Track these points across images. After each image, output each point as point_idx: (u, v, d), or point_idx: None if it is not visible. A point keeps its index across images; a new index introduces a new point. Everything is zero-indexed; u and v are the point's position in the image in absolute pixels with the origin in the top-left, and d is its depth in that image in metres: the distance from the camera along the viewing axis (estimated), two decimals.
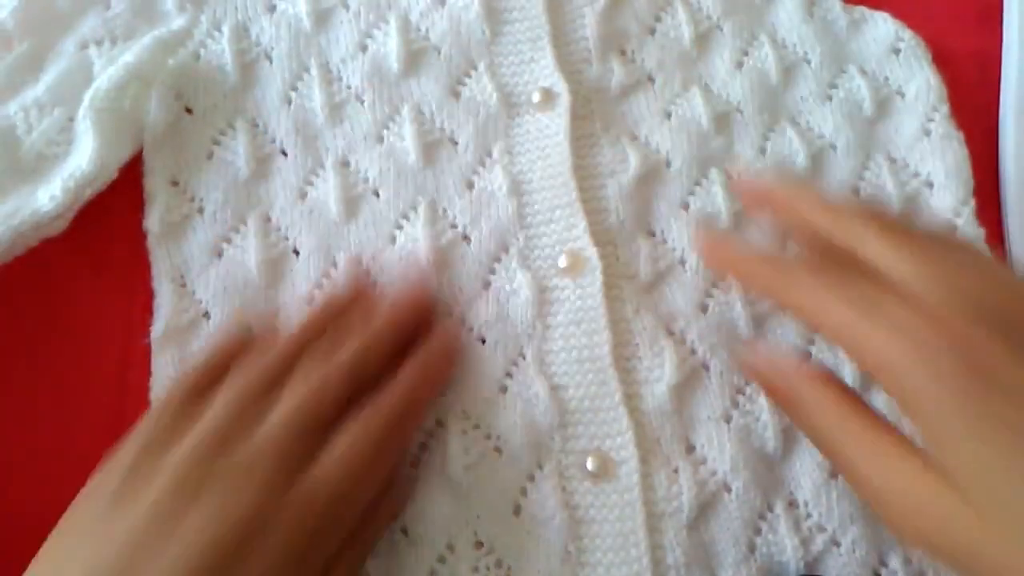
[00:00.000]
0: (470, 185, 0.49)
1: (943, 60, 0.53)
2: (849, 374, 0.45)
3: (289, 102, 0.50)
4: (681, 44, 0.53)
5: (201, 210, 0.48)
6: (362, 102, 0.51)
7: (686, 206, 0.49)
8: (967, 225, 0.48)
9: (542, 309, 0.46)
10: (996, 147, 0.52)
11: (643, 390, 0.44)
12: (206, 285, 0.46)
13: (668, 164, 0.50)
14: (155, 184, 0.48)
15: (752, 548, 0.41)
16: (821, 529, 0.42)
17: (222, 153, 0.49)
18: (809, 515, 0.42)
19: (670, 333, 0.45)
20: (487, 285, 0.46)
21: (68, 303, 0.47)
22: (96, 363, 0.46)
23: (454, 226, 0.48)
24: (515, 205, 0.48)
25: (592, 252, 0.46)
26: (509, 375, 0.44)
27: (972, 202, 0.48)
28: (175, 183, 0.48)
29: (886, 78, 0.52)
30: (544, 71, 0.51)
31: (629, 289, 0.46)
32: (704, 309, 0.46)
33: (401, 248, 0.47)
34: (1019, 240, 0.49)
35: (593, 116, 0.51)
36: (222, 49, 0.52)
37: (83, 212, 0.47)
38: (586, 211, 0.47)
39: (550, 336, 0.45)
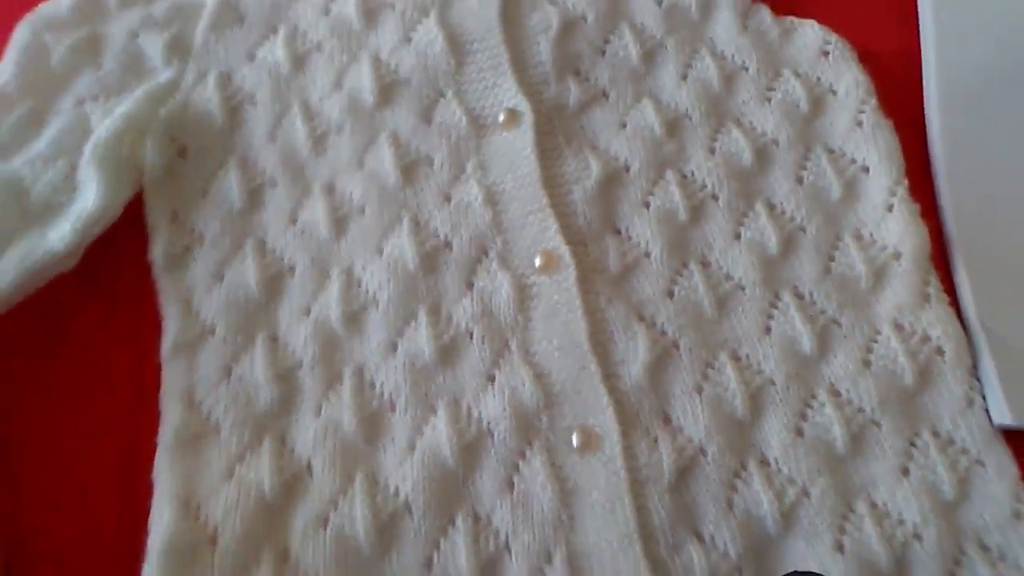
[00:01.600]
0: (448, 198, 0.53)
1: (870, 60, 0.58)
2: (808, 340, 0.49)
3: (275, 139, 0.55)
4: (630, 62, 0.58)
5: (201, 240, 0.52)
6: (342, 133, 0.55)
7: (647, 204, 0.53)
8: (902, 202, 0.52)
9: (523, 304, 0.50)
10: (924, 133, 0.58)
11: (620, 370, 0.48)
12: (210, 304, 0.50)
13: (627, 168, 0.54)
14: (157, 220, 0.52)
15: (730, 505, 0.45)
16: (792, 482, 0.46)
17: (216, 188, 0.53)
18: (780, 471, 0.46)
19: (641, 318, 0.50)
20: (471, 286, 0.50)
21: (80, 332, 0.51)
22: (110, 381, 0.50)
23: (436, 235, 0.52)
24: (491, 213, 0.52)
25: (565, 251, 0.51)
26: (496, 366, 0.48)
27: (905, 182, 0.53)
28: (175, 218, 0.53)
29: (818, 78, 0.57)
30: (507, 93, 0.56)
31: (601, 282, 0.51)
32: (670, 295, 0.51)
33: (388, 257, 0.51)
34: (952, 215, 0.54)
35: (555, 131, 0.56)
36: (209, 96, 0.56)
37: (90, 249, 0.50)
38: (556, 215, 0.52)
39: (532, 328, 0.49)
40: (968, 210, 0.54)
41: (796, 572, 0.43)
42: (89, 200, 0.50)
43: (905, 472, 0.46)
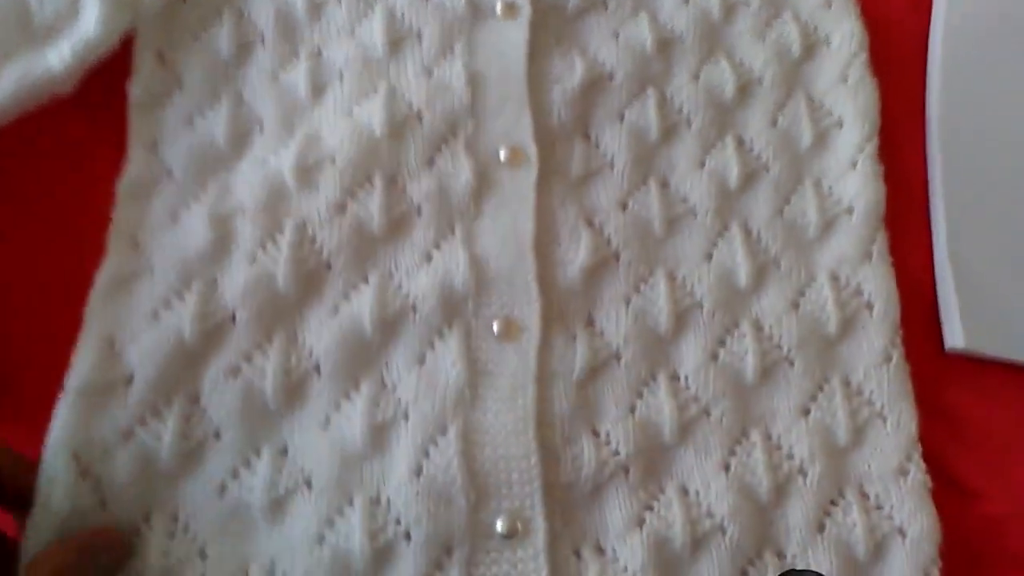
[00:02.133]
0: (429, 73, 0.54)
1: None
2: (745, 273, 0.50)
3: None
4: None
5: (180, 84, 0.52)
6: (340, 1, 0.56)
7: (621, 117, 0.54)
8: (867, 159, 0.53)
9: (478, 192, 0.51)
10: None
11: (556, 271, 0.49)
12: (175, 152, 0.50)
13: (611, 77, 0.55)
14: (143, 57, 0.53)
15: (632, 409, 0.47)
16: (696, 399, 0.47)
17: (208, 36, 0.54)
18: (688, 387, 0.48)
19: (589, 223, 0.51)
20: (431, 163, 0.51)
21: (50, 162, 0.52)
22: (69, 215, 0.51)
23: (409, 106, 0.52)
24: (469, 96, 0.53)
25: (532, 150, 0.51)
26: (436, 246, 0.49)
27: (875, 140, 0.54)
28: (161, 58, 0.53)
29: (816, 27, 0.57)
30: None
31: (559, 183, 0.52)
32: (624, 207, 0.52)
33: (356, 119, 0.52)
34: (938, 145, 0.56)
35: (548, 30, 0.56)
36: None
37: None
38: (531, 110, 0.53)
39: (481, 216, 0.50)
40: (957, 143, 0.56)
41: (793, 571, 0.44)
42: (90, 26, 0.51)
43: (805, 412, 0.48)
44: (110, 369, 0.45)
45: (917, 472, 0.46)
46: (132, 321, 0.46)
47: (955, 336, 0.50)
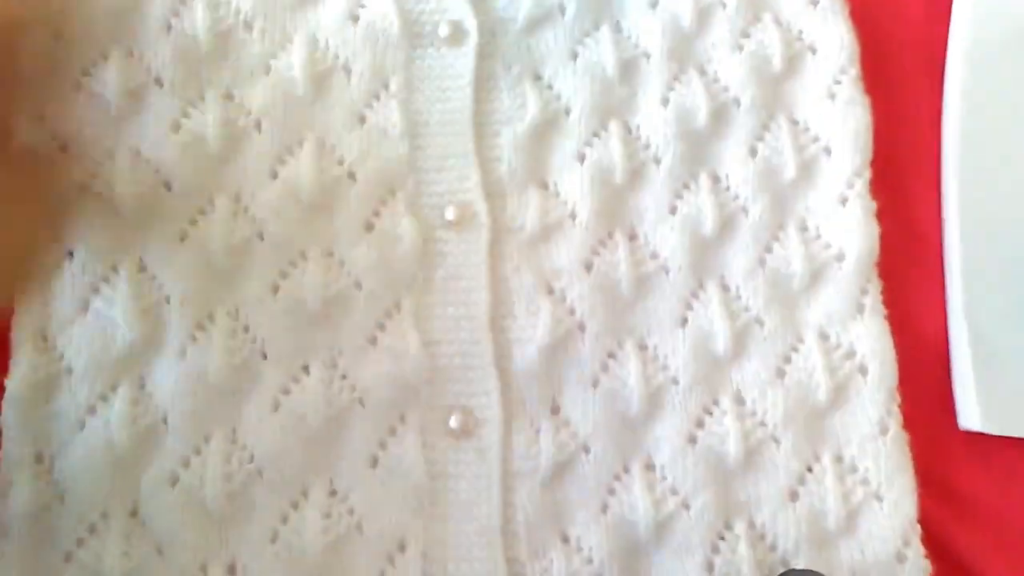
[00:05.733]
0: (361, 119, 0.47)
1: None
2: (723, 339, 0.45)
3: (169, 28, 0.48)
4: None
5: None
6: (251, 29, 0.48)
7: (582, 158, 0.48)
8: (859, 197, 0.47)
9: (425, 260, 0.46)
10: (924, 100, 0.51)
11: (515, 350, 0.45)
12: (74, 228, 0.44)
13: (567, 112, 0.48)
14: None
15: (604, 508, 0.43)
16: (674, 492, 0.43)
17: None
18: (664, 478, 0.44)
19: (549, 291, 0.46)
20: (370, 228, 0.46)
21: None
22: None
23: (340, 162, 0.46)
24: (407, 146, 0.47)
25: (482, 207, 0.46)
26: (381, 326, 0.44)
27: (867, 173, 0.47)
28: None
29: (800, 31, 0.50)
30: (454, 2, 0.49)
31: (513, 244, 0.46)
32: (588, 267, 0.46)
33: (282, 183, 0.46)
34: (956, 201, 0.49)
35: (496, 54, 0.49)
36: None
37: None
38: (479, 161, 0.47)
39: (430, 290, 0.45)
40: (976, 193, 0.49)
41: (793, 571, 0.42)
42: None
43: (794, 496, 0.44)
44: (41, 491, 0.41)
45: (917, 558, 0.43)
46: (55, 432, 0.42)
47: (971, 417, 0.45)
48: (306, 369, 0.44)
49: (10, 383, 0.43)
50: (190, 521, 0.41)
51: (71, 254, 0.44)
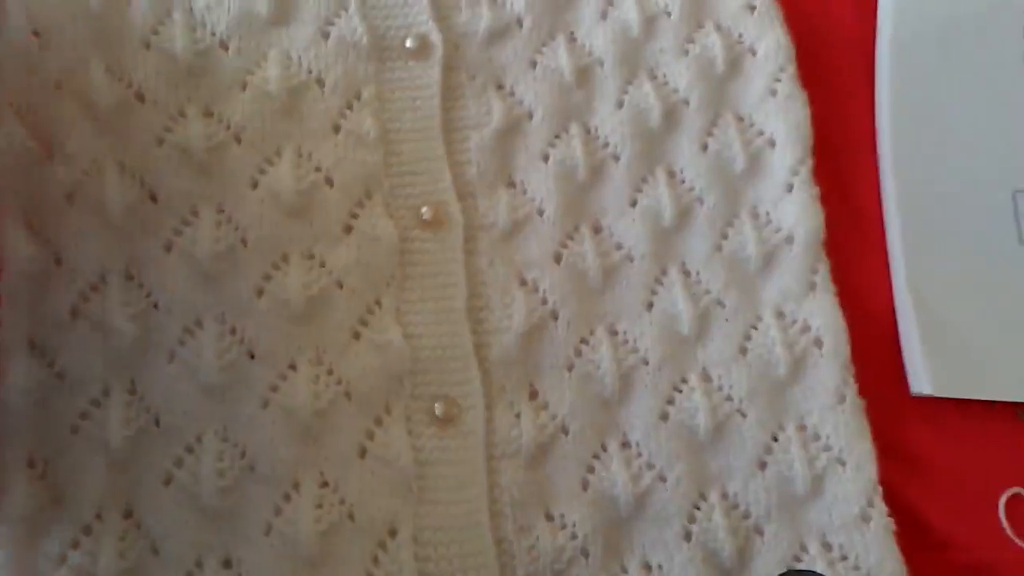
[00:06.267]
0: (336, 128, 0.50)
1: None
2: (688, 320, 0.48)
3: (149, 46, 0.50)
4: None
5: (64, 160, 0.46)
6: (227, 47, 0.51)
7: (546, 157, 0.51)
8: (803, 183, 0.50)
9: (402, 258, 0.48)
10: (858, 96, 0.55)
11: (492, 339, 0.47)
12: (60, 233, 0.45)
13: (530, 116, 0.51)
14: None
15: (585, 485, 0.45)
16: (650, 466, 0.45)
17: (76, 86, 0.47)
18: (640, 454, 0.46)
19: (523, 283, 0.48)
20: (349, 230, 0.48)
21: None
22: None
23: (317, 169, 0.48)
24: (382, 153, 0.49)
25: (455, 207, 0.48)
26: (363, 322, 0.46)
27: (809, 161, 0.51)
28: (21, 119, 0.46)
29: (740, 35, 0.54)
30: (419, 17, 0.52)
31: (486, 240, 0.49)
32: (558, 259, 0.49)
33: (263, 191, 0.47)
34: (892, 178, 0.52)
35: (460, 65, 0.52)
36: None
37: None
38: (450, 164, 0.49)
39: (408, 286, 0.47)
40: (910, 174, 0.53)
41: (792, 571, 0.43)
42: None
43: (762, 466, 0.46)
44: (35, 495, 0.42)
45: (880, 516, 0.45)
46: (48, 437, 0.43)
47: (921, 382, 0.48)
48: (293, 366, 0.45)
49: (1, 390, 0.43)
50: (185, 519, 0.42)
51: (59, 261, 0.45)
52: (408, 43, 0.52)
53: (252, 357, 0.45)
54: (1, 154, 0.45)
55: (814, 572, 0.43)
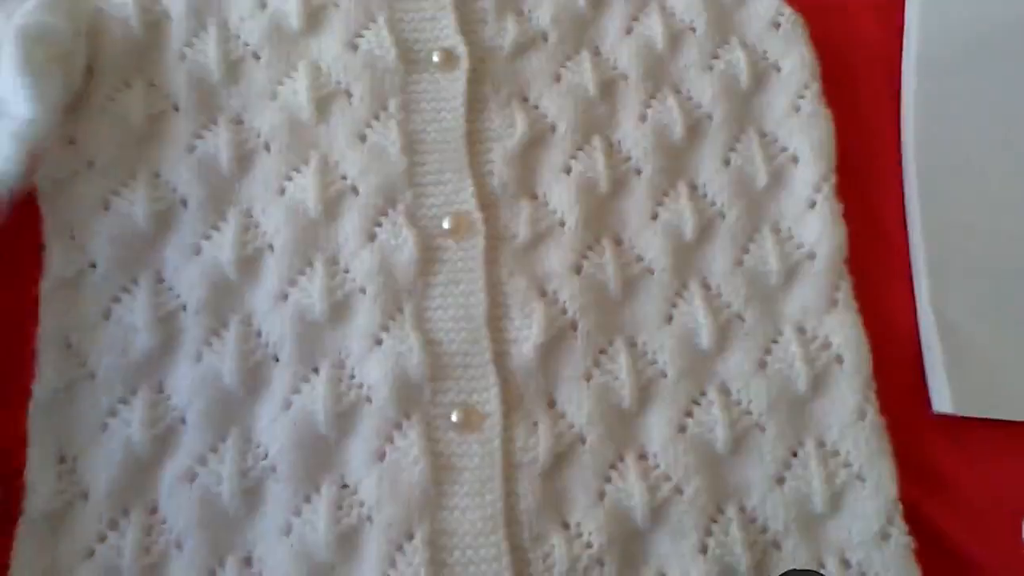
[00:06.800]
0: (362, 138, 0.51)
1: (843, 11, 0.56)
2: (708, 334, 0.48)
3: (185, 59, 0.51)
4: (576, 4, 0.54)
5: (91, 165, 0.49)
6: (259, 59, 0.52)
7: (568, 170, 0.51)
8: (826, 200, 0.50)
9: (424, 267, 0.48)
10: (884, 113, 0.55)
11: (512, 348, 0.47)
12: (95, 241, 0.47)
13: (553, 129, 0.52)
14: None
15: (602, 495, 0.45)
16: (667, 478, 0.45)
17: (116, 109, 0.50)
18: (657, 465, 0.46)
19: (542, 294, 0.48)
20: (372, 238, 0.49)
21: None
22: None
23: (343, 178, 0.49)
24: (407, 163, 0.50)
25: (477, 217, 0.49)
26: (385, 328, 0.47)
27: (833, 178, 0.51)
28: (69, 140, 0.49)
29: (765, 52, 0.54)
30: (445, 31, 0.53)
31: (506, 251, 0.49)
32: (578, 270, 0.49)
33: (289, 198, 0.49)
34: (917, 198, 0.52)
35: (485, 78, 0.53)
36: (124, 2, 0.52)
37: None
38: (473, 175, 0.50)
39: (430, 294, 0.48)
40: (935, 193, 0.52)
41: (793, 571, 0.43)
42: (23, 109, 0.45)
43: (780, 481, 0.46)
44: (65, 489, 0.43)
45: (900, 535, 0.45)
46: (79, 433, 0.45)
47: (943, 400, 0.48)
48: (316, 370, 0.46)
49: (36, 387, 0.44)
50: (207, 517, 0.43)
51: (93, 265, 0.47)
52: (435, 56, 0.52)
53: (276, 360, 0.46)
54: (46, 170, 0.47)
55: (815, 572, 0.43)
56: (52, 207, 0.48)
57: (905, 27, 0.56)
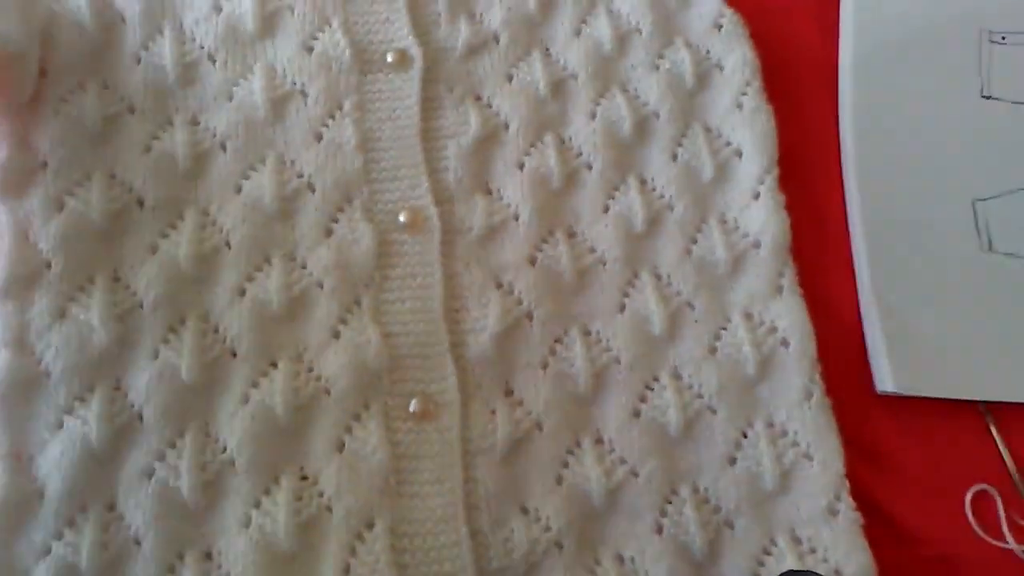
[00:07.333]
0: (318, 137, 0.51)
1: (782, 12, 0.58)
2: (659, 321, 0.49)
3: (140, 61, 0.52)
4: (526, 7, 0.56)
5: (45, 165, 0.49)
6: (214, 61, 0.53)
7: (521, 166, 0.52)
8: (769, 191, 0.52)
9: (382, 261, 0.49)
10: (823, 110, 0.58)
11: (469, 338, 0.48)
12: (49, 242, 0.47)
13: (506, 127, 0.53)
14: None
15: (559, 480, 0.46)
16: (623, 461, 0.46)
17: (70, 110, 0.50)
18: (613, 449, 0.47)
19: (498, 285, 0.49)
20: (330, 233, 0.49)
21: None
22: None
23: (300, 175, 0.50)
24: (362, 160, 0.51)
25: (433, 211, 0.50)
26: (343, 321, 0.47)
27: (775, 170, 0.53)
28: (22, 142, 0.49)
29: (708, 51, 0.56)
30: (399, 32, 0.54)
31: (462, 244, 0.50)
32: (533, 262, 0.50)
33: (246, 196, 0.49)
34: (855, 183, 0.55)
35: (439, 78, 0.54)
36: (79, 5, 0.53)
37: None
38: (428, 171, 0.51)
39: (387, 287, 0.49)
40: (873, 183, 0.55)
41: (793, 572, 0.44)
42: None
43: (732, 461, 0.47)
44: (21, 486, 0.43)
45: (847, 510, 0.46)
46: (35, 432, 0.44)
47: (885, 380, 0.50)
48: (274, 364, 0.46)
49: None
50: (166, 511, 0.43)
51: (48, 264, 0.47)
52: (389, 57, 0.54)
53: (234, 355, 0.46)
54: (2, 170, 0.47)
55: (814, 573, 0.43)
56: (7, 207, 0.48)
57: (841, 27, 0.58)
